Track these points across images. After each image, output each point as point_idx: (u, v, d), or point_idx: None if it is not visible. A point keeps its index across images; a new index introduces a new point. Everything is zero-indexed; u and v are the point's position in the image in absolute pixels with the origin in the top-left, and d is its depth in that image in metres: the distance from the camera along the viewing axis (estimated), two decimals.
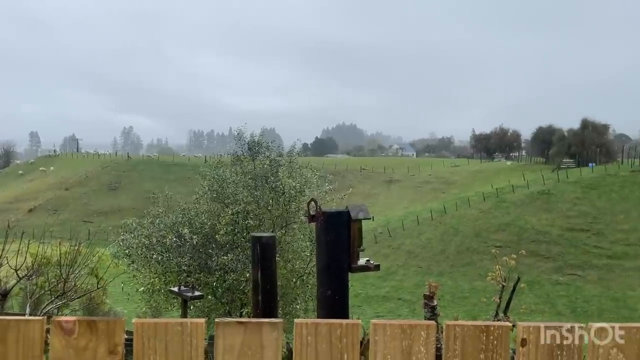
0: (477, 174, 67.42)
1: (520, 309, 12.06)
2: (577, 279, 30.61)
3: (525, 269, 31.38)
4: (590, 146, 57.19)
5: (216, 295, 11.35)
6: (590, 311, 26.08)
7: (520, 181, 48.07)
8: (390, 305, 28.67)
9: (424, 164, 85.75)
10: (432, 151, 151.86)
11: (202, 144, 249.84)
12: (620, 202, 39.11)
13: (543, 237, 35.50)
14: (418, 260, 36.12)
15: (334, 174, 73.06)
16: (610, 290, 28.55)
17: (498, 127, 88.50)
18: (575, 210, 38.53)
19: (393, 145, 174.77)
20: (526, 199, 41.66)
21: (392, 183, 73.27)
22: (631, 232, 34.82)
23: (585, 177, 44.91)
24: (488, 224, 38.89)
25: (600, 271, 30.79)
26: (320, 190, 12.78)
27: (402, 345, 1.33)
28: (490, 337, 1.36)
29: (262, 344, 1.32)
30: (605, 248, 33.40)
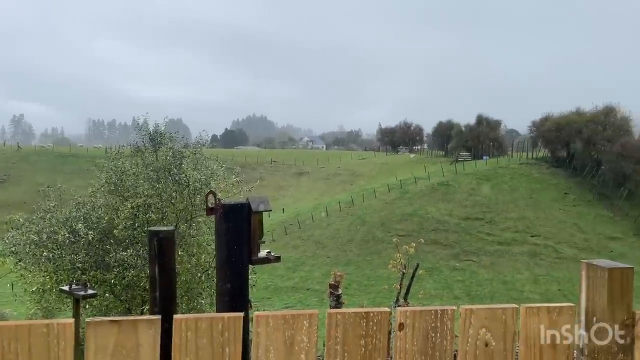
0: (383, 167, 69.87)
1: (419, 294, 12.72)
2: (472, 265, 32.82)
3: (425, 257, 33.14)
4: (485, 140, 61.39)
5: (114, 293, 10.81)
6: (483, 294, 28.10)
7: (422, 173, 50.55)
8: (299, 296, 28.99)
9: (333, 156, 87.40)
10: (341, 144, 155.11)
11: (103, 134, 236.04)
12: (510, 193, 42.44)
13: (442, 226, 37.65)
14: (327, 251, 36.82)
15: (243, 166, 72.16)
16: (500, 274, 30.94)
17: (402, 122, 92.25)
18: (470, 200, 41.23)
19: (303, 138, 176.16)
20: (427, 190, 43.90)
21: (302, 175, 73.93)
22: (519, 220, 37.95)
23: (480, 169, 48.18)
24: (392, 214, 40.51)
25: (492, 257, 33.27)
26: (227, 182, 12.59)
27: (285, 336, 1.34)
28: (370, 323, 1.40)
29: (138, 342, 1.26)
30: (497, 235, 36.12)
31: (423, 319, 1.43)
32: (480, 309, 1.48)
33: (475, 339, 1.46)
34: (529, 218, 38.29)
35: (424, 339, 1.43)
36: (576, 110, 49.80)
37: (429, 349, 1.43)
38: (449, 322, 1.45)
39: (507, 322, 1.48)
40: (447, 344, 1.44)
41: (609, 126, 45.39)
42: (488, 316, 1.47)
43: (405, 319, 1.42)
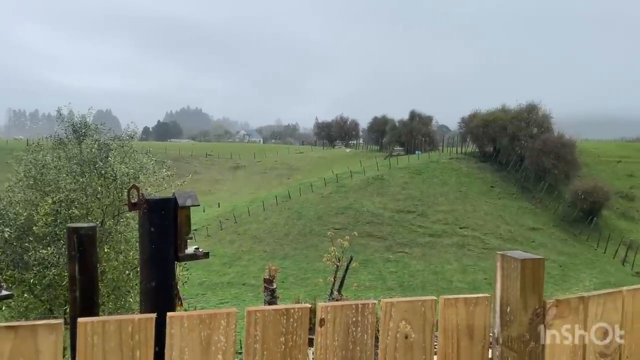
0: (319, 161, 70.32)
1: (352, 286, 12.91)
2: (405, 256, 33.77)
3: (360, 249, 33.74)
4: (417, 136, 63.21)
5: (34, 293, 10.15)
6: (415, 284, 29.00)
7: (358, 167, 51.36)
8: (235, 291, 28.67)
9: (270, 150, 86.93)
10: (278, 138, 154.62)
11: (25, 125, 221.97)
12: (440, 186, 43.98)
13: (376, 219, 38.45)
14: (263, 245, 36.62)
15: (177, 159, 70.20)
16: (431, 265, 32.04)
17: (339, 117, 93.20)
18: (403, 194, 42.36)
19: (240, 131, 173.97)
20: (362, 184, 44.65)
21: (239, 169, 73.02)
22: (448, 213, 39.44)
23: (413, 163, 49.58)
24: (329, 208, 40.90)
25: (423, 248, 34.39)
26: (158, 176, 12.15)
27: (201, 336, 1.28)
28: (291, 320, 1.37)
29: (37, 349, 1.17)
30: (428, 227, 37.36)
31: (344, 313, 1.42)
32: (401, 302, 1.49)
33: (396, 331, 1.47)
34: (458, 210, 39.88)
35: (345, 334, 1.42)
36: (502, 107, 52.28)
37: (350, 344, 1.42)
38: (370, 316, 1.45)
39: (427, 314, 1.50)
40: (368, 338, 1.44)
41: (531, 123, 48.04)
42: (408, 309, 1.48)
43: (326, 315, 1.41)
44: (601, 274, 31.06)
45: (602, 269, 32.86)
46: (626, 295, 1.73)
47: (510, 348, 1.55)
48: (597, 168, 48.75)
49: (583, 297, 1.65)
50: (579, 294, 1.66)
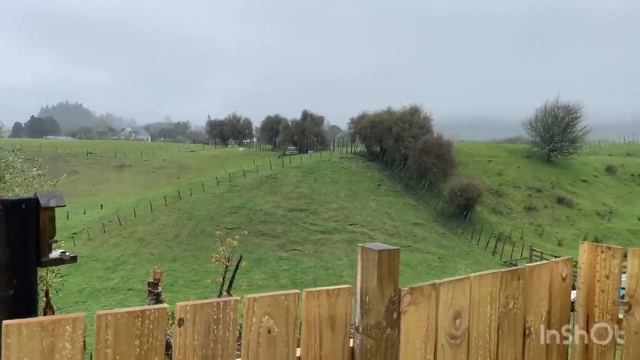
0: (212, 160, 68.82)
1: (242, 286, 12.81)
2: (297, 254, 34.21)
3: (254, 248, 33.60)
4: (309, 135, 64.30)
5: None
6: (307, 281, 29.50)
7: (251, 166, 51.05)
8: (120, 297, 27.12)
9: (158, 148, 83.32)
10: (168, 135, 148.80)
11: None
12: (331, 185, 45.15)
13: (270, 218, 38.51)
14: (151, 248, 35.05)
15: (53, 158, 64.76)
16: (323, 261, 32.79)
17: (232, 115, 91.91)
18: (296, 193, 42.88)
19: (126, 128, 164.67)
20: (256, 183, 44.48)
21: (124, 168, 69.11)
22: (339, 210, 40.63)
23: (305, 162, 50.37)
24: (221, 208, 40.19)
25: (315, 245, 35.08)
26: (27, 175, 11.09)
27: (42, 345, 1.19)
28: (146, 322, 1.32)
29: None
30: (319, 225, 38.19)
31: (204, 312, 1.40)
32: (264, 297, 1.51)
33: (259, 326, 1.48)
34: (347, 208, 41.22)
35: (206, 332, 1.40)
36: (388, 109, 54.93)
37: (211, 342, 1.40)
38: (232, 313, 1.44)
39: (290, 308, 1.53)
40: (230, 335, 1.44)
41: (414, 125, 51.02)
42: (271, 303, 1.50)
43: (185, 314, 1.38)
44: (475, 264, 33.85)
45: (476, 260, 35.84)
46: (473, 281, 1.90)
47: (369, 335, 1.63)
48: (471, 167, 53.02)
49: (435, 284, 1.78)
50: (431, 282, 1.79)
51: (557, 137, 55.91)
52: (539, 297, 2.15)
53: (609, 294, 2.18)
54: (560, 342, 2.25)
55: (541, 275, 2.16)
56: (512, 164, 55.45)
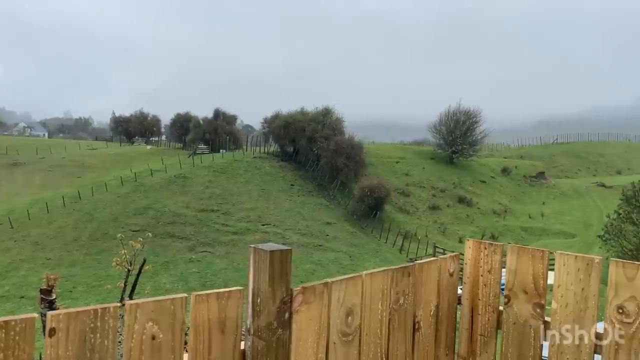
0: (116, 158, 65.45)
1: (146, 290, 12.29)
2: (208, 256, 33.47)
3: (162, 251, 32.41)
4: (222, 134, 63.18)
5: None
6: (218, 283, 28.96)
7: (159, 165, 49.17)
8: (11, 306, 25.00)
9: (56, 145, 77.73)
10: (68, 132, 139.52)
11: None
12: (244, 185, 44.69)
13: (179, 219, 37.34)
14: (47, 252, 32.64)
15: None
16: (234, 263, 32.34)
17: (138, 111, 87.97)
18: (207, 193, 41.95)
19: (19, 124, 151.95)
20: (164, 183, 42.92)
21: (17, 166, 63.71)
22: (252, 211, 40.31)
23: (217, 162, 49.42)
24: (126, 209, 38.34)
25: (226, 247, 34.53)
26: None
27: None
28: (12, 333, 1.21)
29: None
30: (232, 225, 37.64)
31: (80, 320, 1.31)
32: (147, 302, 1.44)
33: (142, 333, 1.42)
34: (260, 208, 41.01)
35: (81, 342, 1.31)
36: (301, 110, 55.39)
37: (88, 352, 1.32)
38: (112, 320, 1.37)
39: (176, 313, 1.47)
40: (109, 343, 1.36)
41: (326, 126, 51.88)
42: (155, 309, 1.44)
43: (57, 324, 1.28)
44: (383, 262, 35.05)
45: (384, 257, 37.13)
46: (365, 279, 1.95)
47: (260, 337, 1.62)
48: (380, 168, 54.87)
49: (327, 282, 1.80)
50: (324, 280, 1.81)
51: (459, 140, 59.40)
52: (429, 292, 2.26)
53: (491, 288, 2.34)
54: (446, 334, 2.38)
55: (430, 272, 2.27)
56: (418, 165, 58.10)
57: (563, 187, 60.96)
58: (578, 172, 74.04)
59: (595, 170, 74.86)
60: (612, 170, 74.51)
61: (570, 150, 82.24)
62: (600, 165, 77.63)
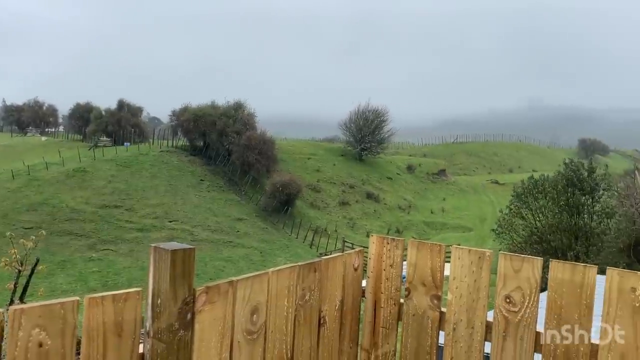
0: (6, 150, 60.16)
1: (39, 292, 11.43)
2: (110, 254, 31.79)
3: (59, 250, 30.31)
4: (126, 126, 60.15)
5: None
6: (121, 282, 27.60)
7: (56, 158, 45.83)
8: None
9: None
10: None
11: None
12: (150, 180, 42.91)
13: (78, 215, 35.09)
14: None
15: None
16: (139, 261, 30.96)
17: (32, 100, 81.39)
18: (110, 188, 39.78)
19: None
20: (61, 177, 40.09)
21: None
22: (158, 207, 38.83)
23: (121, 155, 46.98)
24: (18, 205, 35.37)
25: (131, 244, 32.98)
26: None
27: None
28: None
29: None
30: (136, 222, 36.01)
31: None
32: (34, 307, 1.34)
33: (27, 340, 1.31)
34: (167, 204, 39.62)
35: None
36: (211, 103, 54.15)
37: None
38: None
39: (67, 317, 1.38)
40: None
41: (238, 120, 51.15)
42: (43, 314, 1.34)
43: None
44: (293, 257, 35.30)
45: (295, 252, 37.41)
46: (271, 276, 1.95)
47: (160, 339, 1.56)
48: (292, 164, 55.15)
49: (232, 281, 1.78)
50: (229, 279, 1.78)
51: (368, 138, 61.23)
52: (334, 287, 2.30)
53: (392, 281, 2.43)
54: (350, 327, 2.44)
55: (335, 267, 2.32)
56: (329, 162, 59.10)
57: (462, 184, 64.94)
58: (475, 170, 79.20)
59: (490, 169, 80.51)
60: (505, 169, 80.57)
61: (468, 150, 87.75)
62: (495, 164, 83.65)
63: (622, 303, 1.91)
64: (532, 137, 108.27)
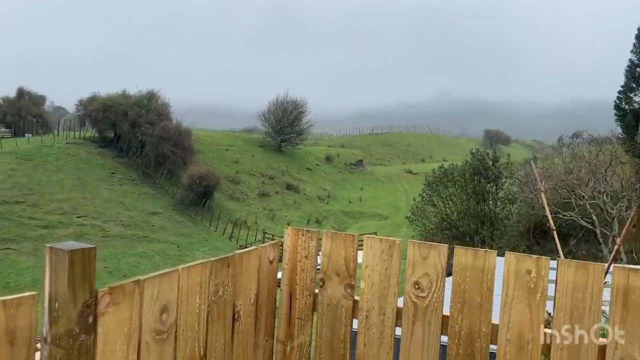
0: None
1: None
2: (12, 253, 29.52)
3: None
4: (27, 116, 55.86)
5: None
6: (25, 283, 25.77)
7: None
8: None
9: None
10: None
11: None
12: (55, 173, 40.19)
13: None
14: None
15: None
16: (43, 260, 29.01)
17: None
18: (10, 182, 36.81)
19: None
20: None
21: None
22: (65, 202, 36.50)
23: (22, 147, 43.58)
24: None
25: (35, 242, 30.74)
26: None
27: None
28: None
29: None
30: (40, 219, 33.64)
31: None
32: None
33: None
34: (75, 199, 37.35)
35: None
36: (123, 92, 51.55)
37: None
38: None
39: None
40: None
41: (151, 111, 49.11)
42: None
43: None
44: (212, 250, 34.70)
45: (214, 246, 36.77)
46: (182, 273, 1.89)
47: (59, 345, 1.46)
48: (210, 155, 53.98)
49: (139, 280, 1.70)
50: (135, 278, 1.70)
51: (287, 129, 61.28)
52: (248, 281, 2.28)
53: (307, 273, 2.45)
54: (266, 320, 2.43)
55: (250, 261, 2.29)
56: (248, 153, 58.51)
57: (378, 174, 66.93)
58: (390, 160, 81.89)
59: (404, 159, 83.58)
60: (418, 159, 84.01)
61: (383, 141, 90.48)
62: (409, 154, 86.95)
63: (519, 284, 2.05)
64: (442, 128, 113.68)
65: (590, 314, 1.95)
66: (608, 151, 29.77)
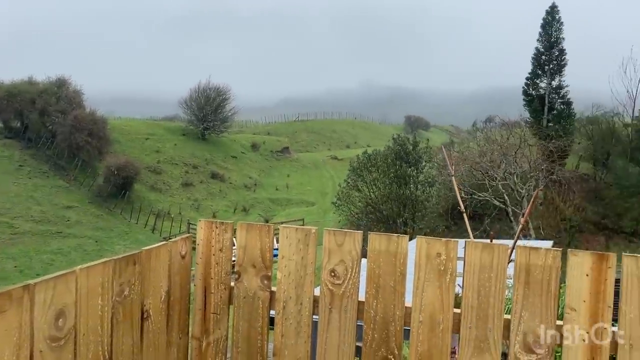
0: None
1: None
2: None
3: None
4: None
5: None
6: None
7: None
8: None
9: None
10: None
11: None
12: None
13: None
14: None
15: None
16: None
17: None
18: None
19: None
20: None
21: None
22: None
23: None
24: None
25: None
26: None
27: None
28: None
29: None
30: None
31: None
32: None
33: None
34: None
35: None
36: (29, 79, 47.96)
37: None
38: None
39: None
40: None
41: (62, 98, 46.07)
42: None
43: None
44: (134, 243, 33.40)
45: (135, 239, 35.39)
46: (80, 274, 1.75)
47: None
48: (128, 145, 51.63)
49: (28, 285, 1.56)
50: (25, 282, 1.56)
51: (210, 117, 59.83)
52: (158, 278, 2.17)
53: (222, 266, 2.38)
54: (179, 317, 2.34)
55: (159, 257, 2.18)
56: (169, 142, 56.59)
57: (304, 161, 67.22)
58: (316, 147, 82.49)
59: (329, 145, 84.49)
60: (343, 145, 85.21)
61: (309, 127, 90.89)
62: (334, 141, 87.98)
63: (430, 267, 2.10)
64: (365, 114, 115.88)
65: (496, 292, 2.04)
66: (517, 134, 31.72)
